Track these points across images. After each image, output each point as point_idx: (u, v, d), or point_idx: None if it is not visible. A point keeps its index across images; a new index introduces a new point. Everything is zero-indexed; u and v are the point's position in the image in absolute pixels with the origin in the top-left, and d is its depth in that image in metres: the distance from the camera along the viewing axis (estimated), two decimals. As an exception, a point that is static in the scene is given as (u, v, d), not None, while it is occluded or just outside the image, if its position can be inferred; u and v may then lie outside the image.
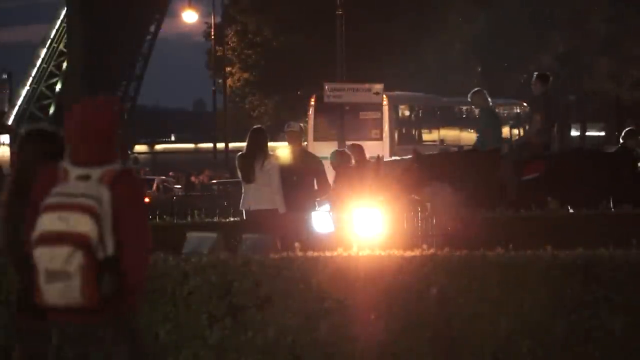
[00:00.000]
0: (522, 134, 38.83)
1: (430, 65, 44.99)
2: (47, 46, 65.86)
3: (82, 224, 4.25)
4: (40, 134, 5.08)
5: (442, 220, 11.59)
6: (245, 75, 52.75)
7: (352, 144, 16.46)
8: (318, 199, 12.85)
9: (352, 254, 8.44)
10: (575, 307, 6.68)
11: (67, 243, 4.23)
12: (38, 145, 4.97)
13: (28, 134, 5.08)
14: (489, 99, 15.08)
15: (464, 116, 39.81)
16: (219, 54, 48.88)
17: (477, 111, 15.27)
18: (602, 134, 58.75)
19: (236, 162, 11.90)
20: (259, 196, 11.28)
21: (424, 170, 13.43)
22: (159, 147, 76.69)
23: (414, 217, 11.86)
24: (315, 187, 12.63)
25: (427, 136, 35.84)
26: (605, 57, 46.24)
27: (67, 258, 4.22)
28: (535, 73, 15.74)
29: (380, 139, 31.67)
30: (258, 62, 51.70)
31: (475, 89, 15.11)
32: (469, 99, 15.17)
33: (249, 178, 11.37)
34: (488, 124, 14.89)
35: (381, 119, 32.73)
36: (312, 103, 35.59)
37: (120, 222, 4.29)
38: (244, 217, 11.72)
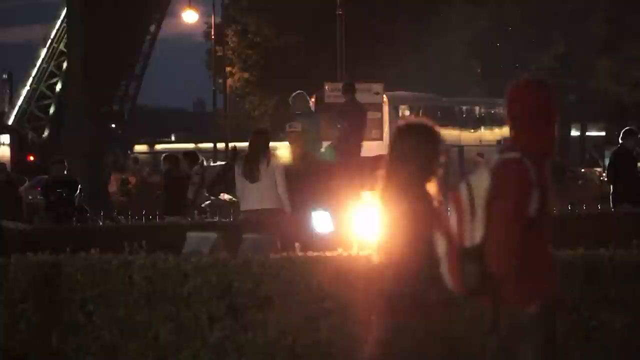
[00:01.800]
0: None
1: (430, 65, 45.01)
2: (47, 46, 65.87)
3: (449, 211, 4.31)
4: (412, 129, 4.72)
5: None
6: (245, 75, 52.76)
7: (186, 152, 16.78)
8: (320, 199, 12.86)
9: (352, 254, 8.44)
10: (575, 307, 6.67)
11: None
12: (409, 142, 4.61)
13: (401, 128, 4.65)
14: (311, 102, 14.92)
15: (464, 116, 39.85)
16: (219, 54, 48.88)
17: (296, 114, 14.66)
18: (603, 134, 58.74)
19: (238, 163, 11.86)
20: (263, 196, 11.29)
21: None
22: (159, 147, 76.66)
23: None
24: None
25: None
26: (605, 57, 46.23)
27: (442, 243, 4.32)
28: (342, 82, 15.61)
29: (381, 139, 31.65)
30: (258, 62, 51.71)
31: (297, 91, 14.60)
32: (290, 102, 14.59)
33: (253, 178, 11.37)
34: (310, 129, 14.68)
35: (381, 119, 32.69)
36: (312, 103, 35.53)
37: (489, 211, 4.16)
38: (246, 217, 11.71)
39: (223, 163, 15.97)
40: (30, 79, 66.13)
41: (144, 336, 7.22)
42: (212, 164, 31.14)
